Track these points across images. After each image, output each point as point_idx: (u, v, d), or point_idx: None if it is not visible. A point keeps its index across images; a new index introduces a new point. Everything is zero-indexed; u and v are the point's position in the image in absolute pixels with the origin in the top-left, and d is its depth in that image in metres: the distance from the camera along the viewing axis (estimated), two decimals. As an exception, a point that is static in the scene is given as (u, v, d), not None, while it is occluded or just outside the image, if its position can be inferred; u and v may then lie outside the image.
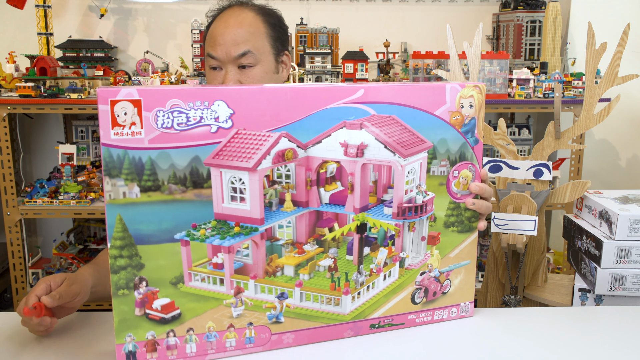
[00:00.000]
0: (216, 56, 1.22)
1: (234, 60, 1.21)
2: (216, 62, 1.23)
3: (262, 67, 1.24)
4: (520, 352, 0.91)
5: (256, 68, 1.23)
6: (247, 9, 1.27)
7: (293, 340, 0.91)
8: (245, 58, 1.21)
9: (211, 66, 1.24)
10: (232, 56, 1.20)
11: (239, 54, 1.20)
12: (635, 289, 1.15)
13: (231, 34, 1.21)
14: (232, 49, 1.20)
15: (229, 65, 1.22)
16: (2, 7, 2.42)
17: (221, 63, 1.22)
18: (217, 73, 1.24)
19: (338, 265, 0.92)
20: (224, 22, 1.23)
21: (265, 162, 0.84)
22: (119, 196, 0.79)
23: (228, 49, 1.20)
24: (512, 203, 1.20)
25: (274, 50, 1.27)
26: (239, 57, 1.21)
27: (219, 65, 1.23)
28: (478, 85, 0.95)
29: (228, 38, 1.20)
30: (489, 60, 2.30)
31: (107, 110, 0.76)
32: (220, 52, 1.21)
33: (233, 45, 1.20)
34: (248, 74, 1.22)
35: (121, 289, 0.81)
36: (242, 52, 1.20)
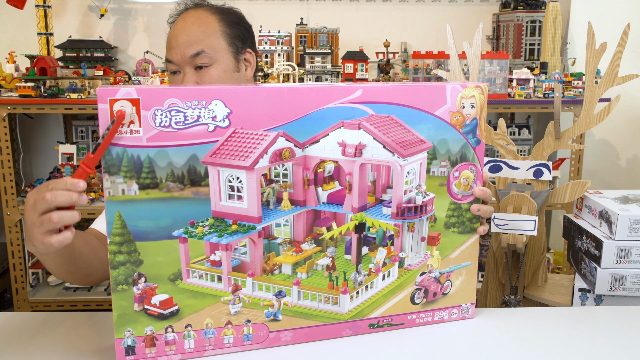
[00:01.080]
0: (172, 60, 1.20)
1: (189, 61, 1.19)
2: (174, 66, 1.21)
3: (219, 67, 1.21)
4: (520, 352, 0.91)
5: (212, 68, 1.20)
6: (202, 9, 1.25)
7: (291, 338, 0.91)
8: (199, 58, 1.19)
9: (170, 70, 1.23)
10: (186, 57, 1.19)
11: (192, 54, 1.19)
12: (635, 289, 1.14)
13: (184, 35, 1.20)
14: (186, 50, 1.19)
15: (186, 67, 1.20)
16: (2, 7, 2.43)
17: (178, 66, 1.21)
18: (177, 77, 1.22)
19: (336, 265, 0.92)
20: (179, 25, 1.23)
21: (262, 161, 0.85)
22: (118, 193, 0.80)
23: (182, 51, 1.19)
24: (512, 203, 1.20)
25: (231, 48, 1.24)
26: (194, 58, 1.19)
27: (177, 69, 1.21)
28: (480, 86, 0.94)
29: (182, 40, 1.19)
30: (489, 60, 2.30)
31: (106, 109, 0.77)
32: (175, 55, 1.20)
33: (187, 46, 1.19)
34: (204, 74, 1.20)
35: (120, 285, 0.82)
36: (196, 52, 1.19)
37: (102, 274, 1.02)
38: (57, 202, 0.78)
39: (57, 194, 0.77)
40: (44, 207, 0.78)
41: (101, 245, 1.03)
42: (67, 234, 0.80)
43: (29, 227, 0.80)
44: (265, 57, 2.55)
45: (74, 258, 0.94)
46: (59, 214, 0.78)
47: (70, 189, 0.78)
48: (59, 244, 0.79)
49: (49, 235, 0.78)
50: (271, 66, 2.52)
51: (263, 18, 2.71)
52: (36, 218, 0.78)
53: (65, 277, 0.99)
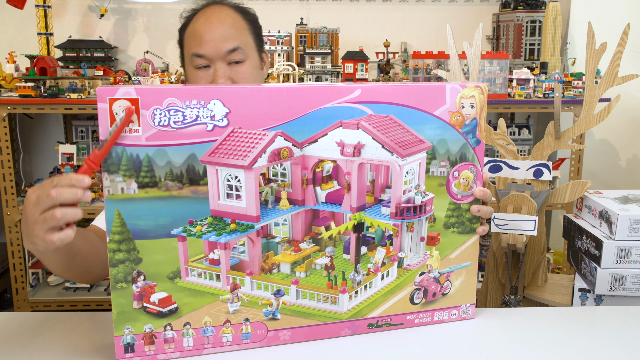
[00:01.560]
0: (204, 54, 1.18)
1: (224, 56, 1.19)
2: (204, 61, 1.19)
3: (250, 63, 1.22)
4: (520, 352, 0.91)
5: (245, 64, 1.21)
6: (225, 7, 1.25)
7: (290, 337, 0.91)
8: (235, 54, 1.19)
9: (197, 66, 1.21)
10: (222, 52, 1.18)
11: (229, 49, 1.18)
12: (635, 289, 1.14)
13: (219, 30, 1.19)
14: (222, 45, 1.18)
15: (218, 62, 1.19)
16: (2, 7, 2.43)
17: (209, 61, 1.19)
18: (205, 72, 1.20)
19: (335, 264, 0.92)
20: (206, 20, 1.21)
21: (260, 161, 0.85)
22: (117, 192, 0.81)
23: (218, 45, 1.18)
24: (512, 203, 1.20)
25: (257, 46, 1.26)
26: (229, 53, 1.19)
27: (208, 64, 1.20)
28: (480, 86, 0.94)
29: (217, 34, 1.18)
30: (489, 60, 2.30)
31: (105, 109, 0.78)
32: (208, 49, 1.18)
33: (223, 41, 1.18)
34: (238, 70, 1.20)
35: (119, 282, 0.82)
36: (232, 47, 1.18)
37: (101, 271, 1.02)
38: (61, 199, 0.77)
39: (62, 191, 0.76)
40: (48, 204, 0.77)
41: (101, 242, 1.02)
42: (68, 231, 0.79)
43: (30, 224, 0.79)
44: (265, 57, 2.55)
45: (72, 255, 0.94)
46: (63, 210, 0.77)
47: (75, 185, 0.77)
48: (60, 241, 0.78)
49: (51, 233, 0.77)
50: (271, 66, 2.52)
51: (263, 18, 2.70)
52: (38, 215, 0.77)
53: (63, 274, 0.98)
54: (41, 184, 0.81)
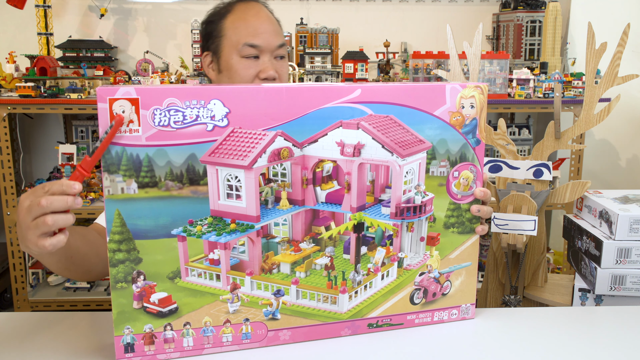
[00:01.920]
0: (259, 44, 1.23)
1: (273, 50, 1.25)
2: (255, 51, 1.24)
3: (286, 60, 1.30)
4: (520, 352, 0.91)
5: (285, 60, 1.28)
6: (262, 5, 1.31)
7: (290, 337, 0.91)
8: (282, 49, 1.26)
9: (248, 55, 1.24)
10: (273, 46, 1.24)
11: (279, 44, 1.25)
12: (635, 289, 1.14)
13: (270, 25, 1.26)
14: (274, 39, 1.24)
15: (267, 55, 1.24)
16: (2, 7, 2.43)
17: (260, 52, 1.24)
18: (254, 62, 1.24)
19: (335, 264, 0.92)
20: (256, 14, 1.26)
21: (261, 161, 0.84)
22: (117, 192, 0.81)
23: (270, 39, 1.24)
24: (512, 203, 1.20)
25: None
26: (278, 48, 1.26)
27: (258, 55, 1.24)
28: (480, 86, 0.94)
29: (269, 29, 1.25)
30: (489, 60, 2.30)
31: (105, 108, 0.78)
32: (262, 41, 1.23)
33: (274, 35, 1.25)
34: (282, 64, 1.27)
35: (119, 282, 0.82)
36: (281, 43, 1.26)
37: (102, 269, 1.02)
38: (52, 208, 0.78)
39: (53, 200, 0.78)
40: (39, 212, 0.78)
41: (102, 240, 1.03)
42: (60, 237, 0.80)
43: (23, 230, 0.80)
44: (265, 57, 2.55)
45: (70, 256, 0.94)
46: (54, 217, 0.78)
47: (66, 191, 0.79)
48: (52, 247, 0.79)
49: (43, 238, 0.79)
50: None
51: (263, 18, 2.71)
52: (30, 221, 0.79)
53: (63, 273, 0.99)
54: (33, 189, 0.82)
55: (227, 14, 1.28)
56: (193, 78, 2.46)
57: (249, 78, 1.24)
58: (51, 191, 0.79)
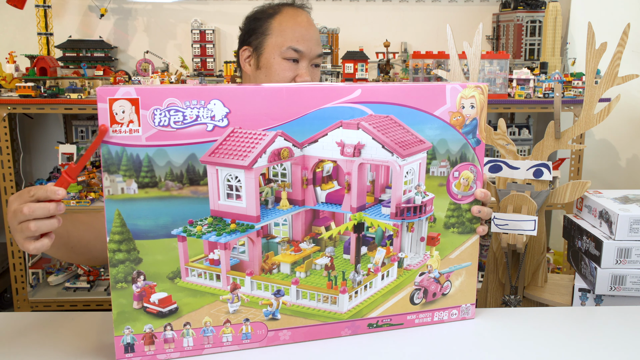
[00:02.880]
0: (302, 50, 1.27)
1: (313, 58, 1.29)
2: (297, 55, 1.27)
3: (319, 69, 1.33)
4: (520, 352, 0.91)
5: (319, 69, 1.33)
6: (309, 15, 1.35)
7: (290, 337, 0.91)
8: (319, 58, 1.31)
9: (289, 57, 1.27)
10: (314, 54, 1.29)
11: (319, 53, 1.30)
12: (635, 289, 1.14)
13: (315, 34, 1.30)
14: (316, 48, 1.29)
15: (306, 61, 1.28)
16: (2, 7, 2.43)
17: (301, 57, 1.28)
18: (294, 65, 1.28)
19: (335, 264, 0.92)
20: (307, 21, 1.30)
21: (261, 161, 0.84)
22: (117, 192, 0.81)
23: (313, 47, 1.28)
24: (512, 203, 1.20)
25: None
26: (318, 57, 1.30)
27: (297, 58, 1.28)
28: (480, 86, 0.94)
29: (314, 37, 1.29)
30: (489, 60, 2.30)
31: (105, 109, 0.78)
32: (305, 47, 1.27)
33: (316, 44, 1.29)
34: (316, 72, 1.32)
35: (119, 282, 0.82)
36: (320, 53, 1.30)
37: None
38: (35, 215, 0.81)
39: (35, 208, 0.80)
40: (23, 218, 0.81)
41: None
42: (45, 241, 0.83)
43: (12, 231, 0.84)
44: (265, 57, 2.55)
45: (72, 246, 0.97)
46: (37, 223, 0.81)
47: (51, 196, 0.81)
48: (36, 250, 0.83)
49: (28, 242, 0.82)
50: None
51: (263, 18, 2.70)
52: (16, 225, 0.82)
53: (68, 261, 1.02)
54: (20, 193, 0.84)
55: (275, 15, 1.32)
56: (193, 78, 2.46)
57: (286, 79, 1.27)
58: (36, 196, 0.81)
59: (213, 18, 2.67)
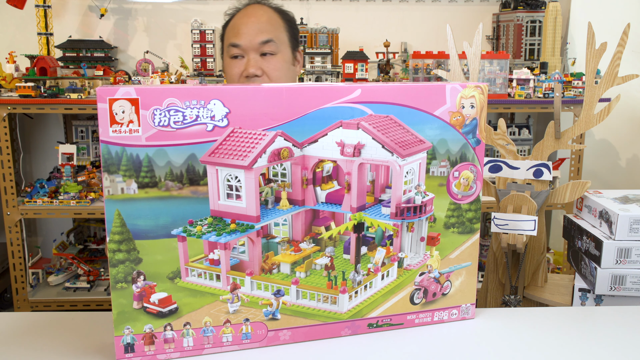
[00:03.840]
0: (239, 44, 1.29)
1: (257, 47, 1.30)
2: (239, 51, 1.30)
3: (282, 57, 1.32)
4: (520, 352, 0.91)
5: (277, 57, 1.31)
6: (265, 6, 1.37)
7: (290, 337, 0.91)
8: (267, 46, 1.30)
9: (232, 55, 1.31)
10: (255, 43, 1.29)
11: (262, 40, 1.29)
12: (635, 289, 1.14)
13: (255, 23, 1.30)
14: (256, 36, 1.29)
15: (252, 53, 1.30)
16: (2, 7, 2.43)
17: (243, 51, 1.30)
18: (238, 61, 1.30)
19: (335, 264, 0.92)
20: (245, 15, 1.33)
21: (261, 161, 0.84)
22: (117, 192, 0.80)
23: (252, 37, 1.29)
24: (512, 203, 1.20)
25: (290, 43, 1.37)
26: (262, 45, 1.29)
27: (241, 54, 1.30)
28: (480, 86, 0.94)
29: (252, 27, 1.30)
30: (489, 60, 2.30)
31: (105, 109, 0.77)
32: (243, 40, 1.29)
33: (257, 33, 1.29)
34: (269, 61, 1.31)
35: (119, 282, 0.82)
36: (266, 39, 1.29)
37: None
38: None
39: None
40: None
41: None
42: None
43: None
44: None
45: None
46: None
47: None
48: None
49: None
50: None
51: (263, 18, 2.70)
52: None
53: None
54: None
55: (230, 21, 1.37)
56: (193, 78, 2.46)
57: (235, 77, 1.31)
58: None
59: (213, 18, 2.68)
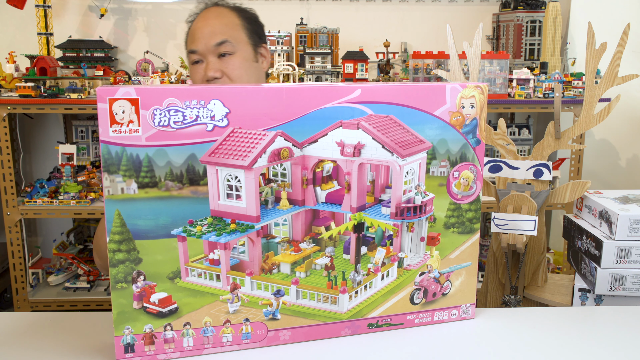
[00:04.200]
0: (196, 49, 1.29)
1: (213, 50, 1.28)
2: (197, 56, 1.30)
3: (241, 55, 1.31)
4: (520, 352, 0.91)
5: (235, 57, 1.30)
6: (222, 7, 1.36)
7: (290, 337, 0.91)
8: (223, 47, 1.28)
9: (192, 61, 1.32)
10: (210, 46, 1.28)
11: (216, 42, 1.28)
12: (635, 289, 1.14)
13: (209, 27, 1.30)
14: (210, 39, 1.28)
15: (209, 56, 1.29)
16: (2, 7, 2.43)
17: (202, 56, 1.30)
18: (199, 66, 1.30)
19: (335, 264, 0.92)
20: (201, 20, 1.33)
21: (261, 161, 0.84)
22: (117, 192, 0.80)
23: (207, 40, 1.28)
24: (512, 203, 1.20)
25: (251, 40, 1.35)
26: (218, 46, 1.28)
27: (200, 59, 1.30)
28: (480, 86, 0.94)
29: (206, 31, 1.29)
30: (489, 60, 2.30)
31: (105, 109, 0.77)
32: (200, 45, 1.29)
33: (211, 36, 1.28)
34: (228, 61, 1.29)
35: (119, 282, 0.82)
36: (220, 40, 1.28)
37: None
38: None
39: None
40: None
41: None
42: None
43: None
44: (265, 57, 2.55)
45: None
46: None
47: None
48: None
49: None
50: (271, 66, 2.52)
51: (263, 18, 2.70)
52: None
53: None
54: None
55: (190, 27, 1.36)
56: (193, 78, 2.46)
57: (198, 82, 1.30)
58: None
59: (213, 18, 2.67)
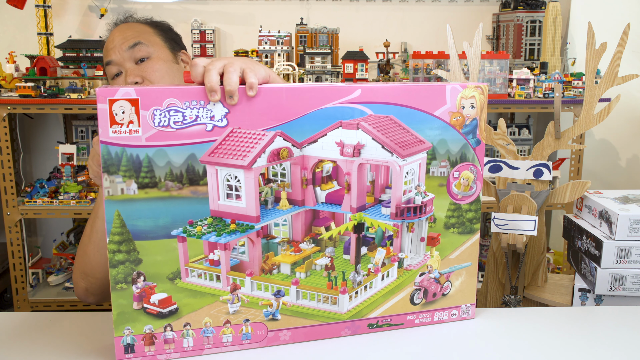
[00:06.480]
0: (112, 59, 1.24)
1: (129, 55, 1.23)
2: (115, 67, 1.25)
3: (159, 57, 1.26)
4: (520, 352, 0.91)
5: (153, 60, 1.25)
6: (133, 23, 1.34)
7: (290, 337, 0.91)
8: (138, 49, 1.24)
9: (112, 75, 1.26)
10: (124, 50, 1.23)
11: (130, 45, 1.23)
12: (635, 289, 1.14)
13: (119, 37, 1.25)
14: (122, 45, 1.23)
15: (126, 64, 1.24)
16: (2, 7, 2.43)
17: (119, 65, 1.24)
18: (119, 78, 1.25)
19: (335, 265, 0.92)
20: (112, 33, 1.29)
21: (260, 161, 0.84)
22: (117, 192, 0.80)
23: (119, 47, 1.23)
24: (512, 203, 1.20)
25: (167, 44, 1.31)
26: (132, 49, 1.23)
27: (119, 70, 1.25)
28: (480, 86, 0.94)
29: (118, 39, 1.25)
30: (489, 60, 2.30)
31: (105, 109, 0.77)
32: (114, 54, 1.24)
33: (123, 42, 1.24)
34: (146, 65, 1.24)
35: (119, 283, 0.82)
36: (133, 43, 1.23)
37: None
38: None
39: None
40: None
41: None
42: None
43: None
44: (265, 57, 2.55)
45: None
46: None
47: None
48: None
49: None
50: (271, 66, 2.52)
51: (263, 18, 2.71)
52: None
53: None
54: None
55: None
56: (193, 78, 2.46)
57: None
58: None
59: (213, 18, 2.68)
